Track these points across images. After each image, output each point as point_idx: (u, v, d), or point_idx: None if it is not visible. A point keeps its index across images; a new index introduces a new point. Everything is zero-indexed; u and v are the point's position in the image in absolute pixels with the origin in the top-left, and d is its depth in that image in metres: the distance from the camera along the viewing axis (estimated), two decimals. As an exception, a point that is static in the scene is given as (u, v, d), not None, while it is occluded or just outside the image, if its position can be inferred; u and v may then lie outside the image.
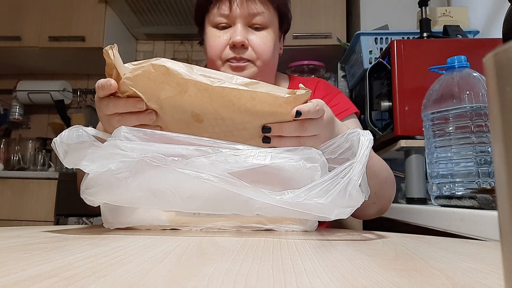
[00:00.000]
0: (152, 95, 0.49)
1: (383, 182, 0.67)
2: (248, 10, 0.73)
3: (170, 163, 0.43)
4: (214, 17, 0.75)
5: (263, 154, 0.46)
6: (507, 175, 0.15)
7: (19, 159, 2.36)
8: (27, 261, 0.25)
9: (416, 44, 1.12)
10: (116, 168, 0.44)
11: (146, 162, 0.43)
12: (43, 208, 1.92)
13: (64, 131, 0.45)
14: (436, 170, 0.78)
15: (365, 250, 0.34)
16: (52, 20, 2.24)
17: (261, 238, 0.41)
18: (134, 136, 0.47)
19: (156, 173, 0.43)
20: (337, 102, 0.84)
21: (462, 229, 0.58)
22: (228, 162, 0.44)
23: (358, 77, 1.63)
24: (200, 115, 0.50)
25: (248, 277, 0.22)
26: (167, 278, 0.21)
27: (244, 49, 0.74)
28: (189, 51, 2.65)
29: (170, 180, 0.43)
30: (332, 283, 0.21)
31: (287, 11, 0.80)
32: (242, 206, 0.44)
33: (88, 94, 2.61)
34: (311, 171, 0.46)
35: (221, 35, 0.75)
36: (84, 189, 0.45)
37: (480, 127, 0.73)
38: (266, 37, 0.75)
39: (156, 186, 0.44)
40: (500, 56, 0.15)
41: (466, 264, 0.28)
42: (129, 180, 0.44)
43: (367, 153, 0.44)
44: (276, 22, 0.78)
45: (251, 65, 0.75)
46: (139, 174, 0.44)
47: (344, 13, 2.03)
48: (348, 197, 0.42)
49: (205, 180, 0.42)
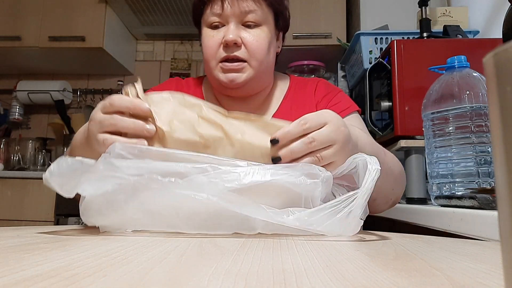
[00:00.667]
0: (167, 117, 0.50)
1: (398, 178, 0.68)
2: (240, 8, 0.73)
3: (167, 185, 0.42)
4: (207, 17, 0.76)
5: (263, 171, 0.45)
6: (507, 175, 0.15)
7: (19, 159, 2.36)
8: (27, 261, 0.25)
9: (416, 44, 1.12)
10: (112, 190, 0.43)
11: (142, 184, 0.42)
12: (43, 208, 1.92)
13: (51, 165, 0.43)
14: (436, 170, 0.78)
15: (365, 250, 0.34)
16: (52, 20, 2.24)
17: (261, 238, 0.41)
18: (129, 153, 0.46)
19: (153, 193, 0.42)
20: (338, 101, 0.83)
21: (462, 229, 0.58)
22: (228, 180, 0.43)
23: (358, 77, 1.63)
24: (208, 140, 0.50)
25: (248, 277, 0.22)
26: (167, 278, 0.21)
27: (237, 48, 0.74)
28: (189, 51, 2.65)
29: (168, 201, 0.42)
30: (332, 283, 0.21)
31: (282, 8, 0.80)
32: (243, 225, 0.43)
33: (88, 94, 2.61)
34: (312, 187, 0.45)
35: (215, 35, 0.75)
36: (83, 211, 0.44)
37: (480, 127, 0.73)
38: (259, 35, 0.75)
39: (154, 207, 0.43)
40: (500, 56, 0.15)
41: (466, 264, 0.28)
42: (125, 202, 0.43)
43: (373, 185, 0.43)
44: (271, 20, 0.78)
45: (247, 67, 0.75)
46: (136, 196, 0.43)
47: (344, 13, 2.03)
48: (346, 226, 0.42)
49: (204, 201, 0.42)
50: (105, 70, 2.57)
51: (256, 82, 0.79)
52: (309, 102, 0.84)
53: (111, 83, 2.60)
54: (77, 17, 2.23)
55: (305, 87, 0.87)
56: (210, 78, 0.81)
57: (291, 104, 0.85)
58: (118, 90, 2.54)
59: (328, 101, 0.84)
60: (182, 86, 0.89)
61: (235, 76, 0.75)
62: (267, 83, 0.83)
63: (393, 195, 0.69)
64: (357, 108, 0.84)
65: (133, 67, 2.62)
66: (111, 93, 2.57)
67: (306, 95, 0.85)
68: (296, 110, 0.83)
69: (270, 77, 0.84)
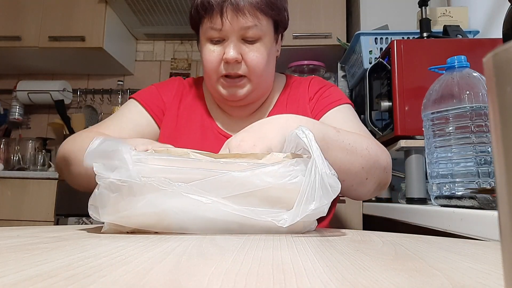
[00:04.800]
0: None
1: (366, 154, 0.66)
2: (239, 25, 0.73)
3: (176, 188, 0.44)
4: (207, 31, 0.75)
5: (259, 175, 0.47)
6: (507, 175, 0.15)
7: (19, 159, 2.36)
8: (27, 261, 0.25)
9: (416, 44, 1.12)
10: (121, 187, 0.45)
11: (152, 185, 0.44)
12: (43, 208, 1.92)
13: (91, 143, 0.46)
14: (436, 170, 0.78)
15: (365, 250, 0.34)
16: (52, 20, 2.24)
17: (261, 238, 0.41)
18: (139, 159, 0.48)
19: (161, 195, 0.44)
20: (328, 94, 0.85)
21: (462, 229, 0.58)
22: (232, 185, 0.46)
23: (358, 77, 1.63)
24: None
25: (248, 277, 0.22)
26: (167, 278, 0.21)
27: (238, 64, 0.75)
28: (189, 51, 2.65)
29: (175, 202, 0.44)
30: (332, 283, 0.21)
31: (282, 17, 0.80)
32: (248, 228, 0.46)
33: (88, 94, 2.61)
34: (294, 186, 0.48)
35: (215, 49, 0.76)
36: (91, 205, 0.46)
37: (480, 127, 0.73)
38: (259, 49, 0.75)
39: (162, 207, 0.45)
40: (500, 56, 0.15)
41: (466, 264, 0.28)
42: (135, 201, 0.44)
43: (317, 145, 0.47)
44: (270, 30, 0.78)
45: (246, 82, 0.77)
46: (145, 195, 0.44)
47: (344, 13, 2.03)
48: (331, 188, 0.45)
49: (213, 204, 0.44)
50: (105, 70, 2.57)
51: (256, 93, 0.81)
52: (303, 98, 0.86)
53: (111, 83, 2.60)
54: (77, 17, 2.23)
55: (299, 85, 0.89)
56: (211, 89, 0.83)
57: (286, 101, 0.87)
58: (118, 90, 2.54)
59: (319, 96, 0.85)
60: (184, 86, 0.90)
61: (235, 91, 0.77)
62: (267, 90, 0.85)
63: (367, 174, 0.67)
64: (348, 101, 0.85)
65: (133, 67, 2.62)
66: (111, 93, 2.58)
67: (300, 92, 0.87)
68: (291, 106, 0.85)
69: (269, 84, 0.85)
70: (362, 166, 0.66)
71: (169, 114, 0.85)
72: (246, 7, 0.72)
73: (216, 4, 0.72)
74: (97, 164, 0.45)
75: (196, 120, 0.85)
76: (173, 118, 0.84)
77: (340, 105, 0.82)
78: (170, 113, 0.85)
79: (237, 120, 0.85)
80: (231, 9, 0.72)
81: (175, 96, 0.87)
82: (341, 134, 0.65)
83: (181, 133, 0.83)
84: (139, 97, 0.86)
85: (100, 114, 2.53)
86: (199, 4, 0.75)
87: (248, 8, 0.73)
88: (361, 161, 0.66)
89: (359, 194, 0.71)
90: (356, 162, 0.65)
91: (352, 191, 0.69)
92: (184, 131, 0.83)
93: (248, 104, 0.84)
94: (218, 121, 0.85)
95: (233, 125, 0.84)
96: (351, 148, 0.64)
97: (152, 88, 0.88)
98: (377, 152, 0.69)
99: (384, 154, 0.70)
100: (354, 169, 0.65)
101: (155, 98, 0.86)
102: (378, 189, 0.72)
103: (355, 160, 0.65)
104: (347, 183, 0.67)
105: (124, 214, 0.44)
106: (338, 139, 0.64)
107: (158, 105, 0.85)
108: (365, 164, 0.66)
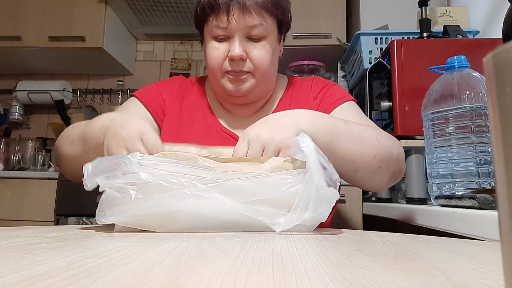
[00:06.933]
0: None
1: (376, 143, 0.67)
2: (245, 23, 0.74)
3: (181, 187, 0.46)
4: (212, 29, 0.76)
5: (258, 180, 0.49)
6: (507, 175, 0.15)
7: (19, 159, 2.36)
8: (27, 261, 0.25)
9: (416, 44, 1.12)
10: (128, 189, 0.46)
11: (158, 184, 0.46)
12: (43, 208, 1.92)
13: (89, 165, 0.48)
14: (436, 170, 0.78)
15: (365, 250, 0.34)
16: (52, 20, 2.23)
17: (261, 238, 0.41)
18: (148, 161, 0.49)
19: (166, 194, 0.46)
20: (332, 93, 0.85)
21: (462, 229, 0.58)
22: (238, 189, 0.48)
23: (358, 77, 1.63)
24: None
25: (248, 277, 0.22)
26: (167, 278, 0.21)
27: (243, 61, 0.76)
28: (189, 51, 2.65)
29: (179, 200, 0.46)
30: (332, 283, 0.21)
31: (286, 17, 0.81)
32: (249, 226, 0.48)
33: (88, 94, 2.61)
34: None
35: (220, 47, 0.76)
36: (99, 211, 0.47)
37: (480, 127, 0.73)
38: (264, 47, 0.76)
39: (167, 205, 0.46)
40: (500, 56, 0.15)
41: (466, 264, 0.28)
42: (141, 201, 0.45)
43: (316, 156, 0.49)
44: (275, 29, 0.79)
45: (250, 77, 0.78)
46: (151, 195, 0.46)
47: (344, 13, 2.03)
48: (326, 199, 0.47)
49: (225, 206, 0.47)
50: (105, 70, 2.57)
51: (260, 90, 0.81)
52: (306, 97, 0.86)
53: (111, 83, 2.60)
54: (77, 17, 2.23)
55: (302, 84, 0.90)
56: (214, 86, 0.83)
57: (289, 100, 0.87)
58: (118, 90, 2.54)
59: (323, 94, 0.86)
60: (186, 84, 0.90)
61: (240, 86, 0.78)
62: (270, 88, 0.86)
63: (380, 163, 0.67)
64: (351, 98, 0.85)
65: (133, 67, 2.62)
66: (111, 93, 2.58)
67: (303, 91, 0.88)
68: (295, 105, 0.85)
69: (273, 82, 0.86)
70: (374, 155, 0.66)
71: (170, 112, 0.85)
72: (253, 6, 0.73)
73: (223, 3, 0.73)
74: (99, 178, 0.46)
75: (198, 118, 0.85)
76: (175, 116, 0.85)
77: (345, 102, 0.83)
78: (171, 111, 0.85)
79: (240, 118, 0.85)
80: (238, 8, 0.73)
81: (177, 94, 0.87)
82: (350, 125, 0.66)
83: (184, 130, 0.83)
84: (140, 94, 0.86)
85: (100, 114, 2.53)
86: (205, 2, 0.75)
87: (254, 7, 0.73)
88: (372, 150, 0.66)
89: (373, 185, 0.71)
90: (367, 151, 0.66)
91: (366, 180, 0.70)
92: (187, 128, 0.83)
93: (251, 103, 0.84)
94: (221, 119, 0.86)
95: (236, 123, 0.85)
96: (360, 138, 0.65)
97: (153, 86, 0.89)
98: (388, 142, 0.69)
99: (395, 144, 0.71)
100: (365, 158, 0.66)
101: (155, 95, 0.86)
102: (393, 179, 0.72)
103: (366, 149, 0.66)
104: (361, 173, 0.67)
105: (130, 214, 0.45)
106: (347, 130, 0.65)
107: (159, 103, 0.85)
108: (376, 153, 0.67)
